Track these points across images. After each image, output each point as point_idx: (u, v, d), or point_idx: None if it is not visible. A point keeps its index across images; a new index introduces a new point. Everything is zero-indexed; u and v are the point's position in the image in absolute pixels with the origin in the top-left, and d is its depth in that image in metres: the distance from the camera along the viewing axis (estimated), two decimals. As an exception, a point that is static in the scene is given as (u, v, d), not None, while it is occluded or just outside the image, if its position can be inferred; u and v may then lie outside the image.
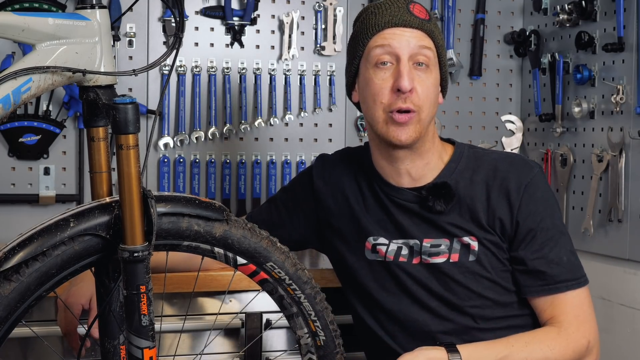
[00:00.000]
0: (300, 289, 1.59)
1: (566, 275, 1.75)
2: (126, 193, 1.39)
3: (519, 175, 1.77)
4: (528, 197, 1.76)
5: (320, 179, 1.95)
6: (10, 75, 1.34)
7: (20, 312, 1.37)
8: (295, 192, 1.99)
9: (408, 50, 1.72)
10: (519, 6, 3.01)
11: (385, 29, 1.74)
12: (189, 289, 2.00)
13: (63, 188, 2.61)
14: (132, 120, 1.38)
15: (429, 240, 1.79)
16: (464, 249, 1.77)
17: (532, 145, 2.92)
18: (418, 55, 1.72)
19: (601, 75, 2.57)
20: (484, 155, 1.84)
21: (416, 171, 1.80)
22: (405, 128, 1.72)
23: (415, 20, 1.74)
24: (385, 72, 1.73)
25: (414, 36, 1.73)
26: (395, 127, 1.72)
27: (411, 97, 1.71)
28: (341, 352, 1.67)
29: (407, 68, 1.71)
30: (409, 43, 1.72)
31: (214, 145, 2.73)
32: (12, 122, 2.51)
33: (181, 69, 2.68)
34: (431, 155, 1.81)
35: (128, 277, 1.39)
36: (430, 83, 1.74)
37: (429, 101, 1.74)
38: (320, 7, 2.81)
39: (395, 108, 1.71)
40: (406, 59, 1.71)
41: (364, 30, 1.77)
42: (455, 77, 2.95)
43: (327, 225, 1.92)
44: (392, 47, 1.72)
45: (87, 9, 1.42)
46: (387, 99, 1.72)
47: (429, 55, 1.73)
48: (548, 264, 1.74)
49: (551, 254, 1.75)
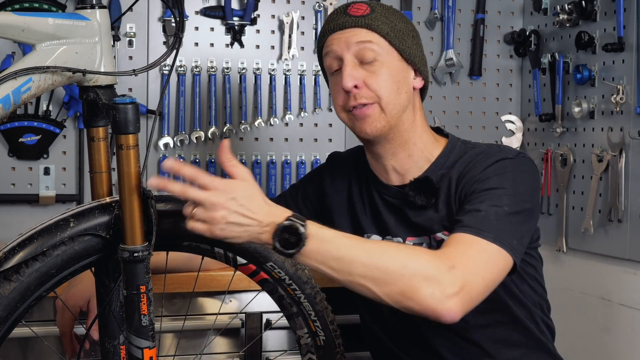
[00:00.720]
0: (300, 289, 1.59)
1: (470, 223, 1.60)
2: (126, 193, 1.39)
3: (487, 158, 1.74)
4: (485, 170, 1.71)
5: (329, 177, 1.97)
6: (10, 75, 1.34)
7: (20, 312, 1.37)
8: (306, 188, 2.00)
9: (347, 49, 1.74)
10: (519, 6, 3.01)
11: (327, 37, 1.79)
12: (189, 289, 2.00)
13: (63, 188, 2.61)
14: (132, 120, 1.39)
15: (412, 238, 1.79)
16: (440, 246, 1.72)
17: (532, 145, 2.92)
18: (361, 51, 1.74)
19: (601, 75, 2.57)
20: (471, 149, 1.81)
21: (400, 165, 1.81)
22: (366, 119, 1.74)
23: (349, 20, 1.76)
24: (337, 77, 1.78)
25: (352, 35, 1.75)
26: (358, 122, 1.76)
27: (360, 92, 1.73)
28: (341, 352, 1.67)
29: (349, 67, 1.73)
30: (347, 43, 1.75)
31: (214, 145, 2.73)
32: (12, 122, 2.51)
33: (181, 69, 2.68)
34: (413, 146, 1.80)
35: (128, 277, 1.39)
36: (384, 73, 1.74)
37: (385, 90, 1.74)
38: (320, 7, 2.80)
39: (348, 107, 1.76)
40: (349, 58, 1.74)
41: (318, 45, 1.84)
42: (455, 77, 2.94)
43: (331, 223, 1.92)
44: (334, 52, 1.77)
45: (87, 9, 1.43)
46: (341, 101, 1.77)
47: (372, 48, 1.74)
48: (464, 214, 1.64)
49: (470, 206, 1.65)
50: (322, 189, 1.96)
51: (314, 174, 2.04)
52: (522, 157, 1.77)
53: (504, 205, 1.64)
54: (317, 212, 1.96)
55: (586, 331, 2.61)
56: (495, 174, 1.70)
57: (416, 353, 1.82)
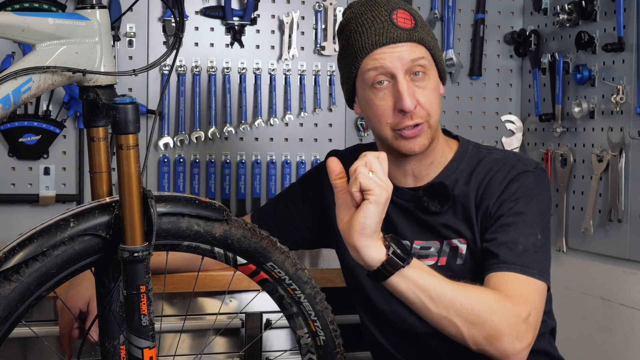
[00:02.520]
0: (300, 289, 1.59)
1: (514, 260, 1.64)
2: (126, 193, 1.39)
3: (509, 169, 1.74)
4: (510, 184, 1.72)
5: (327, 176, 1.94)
6: (10, 75, 1.34)
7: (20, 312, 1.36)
8: (304, 188, 2.00)
9: (402, 66, 1.68)
10: (519, 6, 3.01)
11: (374, 50, 1.69)
12: (189, 289, 2.00)
13: (63, 188, 2.61)
14: (132, 120, 1.38)
15: (420, 242, 1.78)
16: (452, 252, 1.76)
17: (532, 145, 2.92)
18: (413, 67, 1.69)
19: (601, 75, 2.57)
20: (486, 155, 1.81)
21: (420, 171, 1.80)
22: (417, 139, 1.71)
23: (403, 34, 1.69)
24: (384, 92, 1.70)
25: (406, 50, 1.69)
26: (406, 141, 1.71)
27: (416, 112, 1.69)
28: (341, 352, 1.67)
29: (406, 86, 1.68)
30: (402, 59, 1.68)
31: (214, 145, 2.73)
32: (12, 122, 2.51)
33: (181, 69, 2.68)
34: (436, 153, 1.79)
35: (128, 277, 1.39)
36: (431, 88, 1.72)
37: (435, 107, 1.72)
38: (320, 7, 2.80)
39: (402, 127, 1.70)
40: (402, 75, 1.68)
41: (352, 52, 1.73)
42: (455, 77, 2.95)
43: (330, 223, 1.92)
44: (386, 67, 1.68)
45: (87, 9, 1.42)
46: (392, 119, 1.71)
47: (424, 64, 1.70)
48: (498, 246, 1.66)
49: (506, 237, 1.66)
50: (321, 189, 1.95)
51: (312, 173, 2.03)
52: (541, 170, 1.78)
53: (537, 233, 1.68)
54: (317, 212, 1.96)
55: (586, 331, 2.61)
56: (523, 195, 1.71)
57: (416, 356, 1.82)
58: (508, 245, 1.65)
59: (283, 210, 1.99)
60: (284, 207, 2.00)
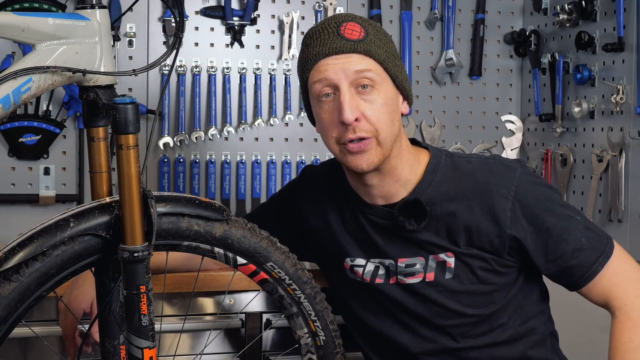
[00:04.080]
0: (300, 289, 1.59)
1: (593, 255, 1.68)
2: (126, 193, 1.39)
3: (502, 186, 1.68)
4: (519, 207, 1.67)
5: (303, 195, 1.88)
6: (10, 75, 1.34)
7: (20, 312, 1.37)
8: (281, 205, 1.93)
9: (345, 77, 1.62)
10: (519, 6, 3.01)
11: (318, 61, 1.64)
12: (189, 289, 2.00)
13: (63, 188, 2.61)
14: (132, 120, 1.38)
15: (404, 260, 1.72)
16: (440, 267, 1.71)
17: (532, 145, 2.92)
18: (358, 79, 1.62)
19: (601, 75, 2.57)
20: (462, 164, 1.73)
21: (387, 190, 1.72)
22: (363, 155, 1.63)
23: (347, 45, 1.62)
24: (329, 104, 1.64)
25: (349, 61, 1.62)
26: (352, 156, 1.64)
27: (360, 125, 1.62)
28: (341, 352, 1.67)
29: (348, 97, 1.61)
30: (345, 70, 1.62)
31: (214, 145, 2.73)
32: (12, 122, 2.51)
33: (181, 69, 2.68)
34: (400, 171, 1.70)
35: (128, 277, 1.39)
36: (381, 103, 1.63)
37: (383, 122, 1.63)
38: (320, 7, 2.80)
39: (345, 140, 1.63)
40: (346, 87, 1.62)
41: (301, 64, 1.68)
42: (455, 77, 2.94)
43: (311, 242, 1.87)
44: (329, 79, 1.63)
45: (87, 9, 1.43)
46: (336, 132, 1.64)
47: (370, 76, 1.62)
48: (573, 257, 1.68)
49: (569, 245, 1.68)
50: (296, 207, 1.88)
51: (287, 190, 1.95)
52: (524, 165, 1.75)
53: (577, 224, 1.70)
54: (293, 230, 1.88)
55: (586, 332, 2.60)
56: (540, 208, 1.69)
57: None
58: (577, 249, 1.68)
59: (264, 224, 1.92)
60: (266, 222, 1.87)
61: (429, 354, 1.74)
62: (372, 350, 1.84)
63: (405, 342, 1.76)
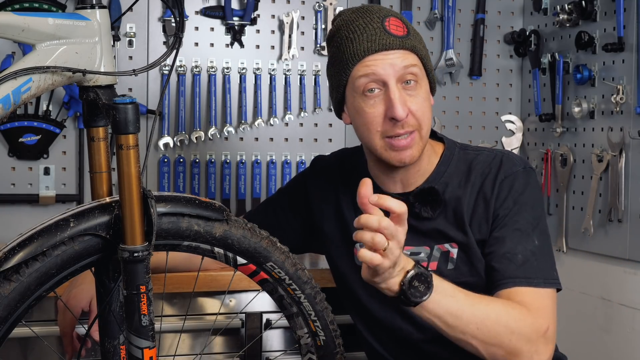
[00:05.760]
0: (300, 289, 1.59)
1: (516, 272, 1.64)
2: (126, 193, 1.39)
3: (498, 172, 1.72)
4: (501, 189, 1.70)
5: (313, 183, 1.92)
6: (10, 75, 1.34)
7: (20, 312, 1.36)
8: (290, 195, 1.97)
9: (394, 73, 1.65)
10: (519, 6, 3.01)
11: (366, 56, 1.66)
12: (189, 289, 2.00)
13: (63, 188, 2.61)
14: (132, 120, 1.38)
15: (409, 247, 1.73)
16: (443, 257, 1.74)
17: (532, 145, 2.92)
18: (404, 75, 1.66)
19: (601, 75, 2.57)
20: (475, 157, 1.77)
21: (408, 178, 1.76)
22: (407, 151, 1.68)
23: (395, 41, 1.66)
24: (375, 99, 1.67)
25: (397, 57, 1.65)
26: (396, 152, 1.68)
27: (407, 120, 1.65)
28: (341, 352, 1.67)
29: (397, 94, 1.64)
30: (394, 66, 1.65)
31: (214, 145, 2.73)
32: (12, 122, 2.51)
33: (181, 69, 2.68)
34: (422, 162, 1.75)
35: (128, 277, 1.39)
36: (423, 97, 1.68)
37: (426, 116, 1.69)
38: (320, 7, 2.80)
39: (393, 134, 1.66)
40: (394, 83, 1.65)
41: (343, 59, 1.69)
42: (455, 77, 2.95)
43: (320, 229, 1.90)
44: (377, 75, 1.65)
45: (87, 9, 1.42)
46: (382, 127, 1.67)
47: (415, 72, 1.67)
48: (499, 260, 1.67)
49: (502, 249, 1.67)
50: (307, 196, 1.92)
51: (298, 179, 1.99)
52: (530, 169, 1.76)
53: (534, 239, 1.68)
54: (305, 219, 1.93)
55: (586, 331, 2.61)
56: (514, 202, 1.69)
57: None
58: (507, 257, 1.66)
59: (271, 216, 1.96)
60: (273, 213, 1.97)
61: (429, 342, 1.75)
62: (375, 338, 1.85)
63: (409, 329, 1.77)
